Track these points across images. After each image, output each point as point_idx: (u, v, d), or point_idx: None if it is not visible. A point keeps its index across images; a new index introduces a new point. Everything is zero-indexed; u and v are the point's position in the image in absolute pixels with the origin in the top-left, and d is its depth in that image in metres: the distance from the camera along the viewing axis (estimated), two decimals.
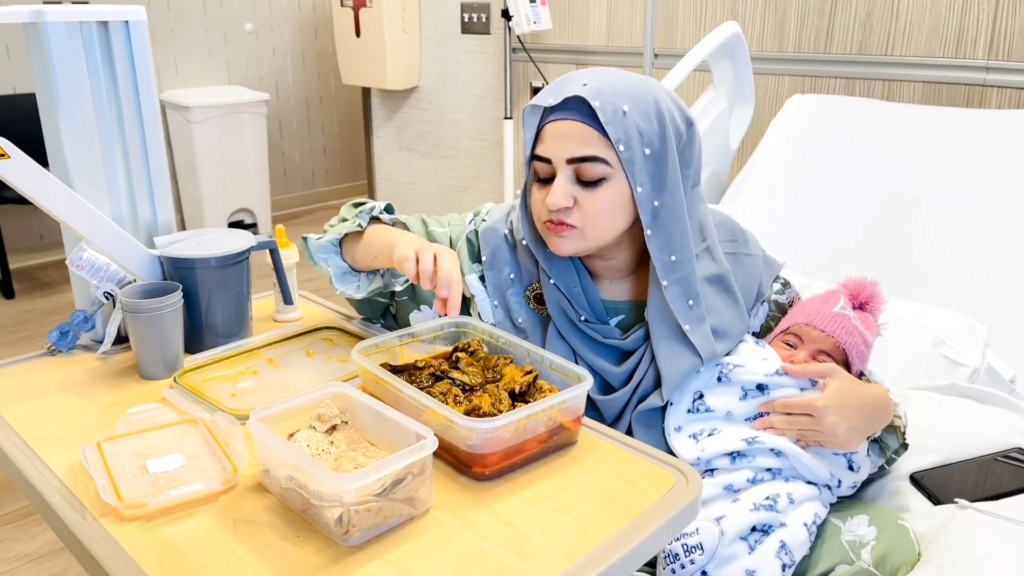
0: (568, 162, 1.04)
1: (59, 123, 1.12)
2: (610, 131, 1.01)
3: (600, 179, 1.03)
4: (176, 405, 1.02)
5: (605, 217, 1.05)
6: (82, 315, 1.18)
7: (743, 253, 1.19)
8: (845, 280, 1.21)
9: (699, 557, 0.98)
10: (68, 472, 0.89)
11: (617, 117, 1.01)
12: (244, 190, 4.38)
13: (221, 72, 4.59)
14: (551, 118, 1.05)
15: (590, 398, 1.11)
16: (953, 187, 1.90)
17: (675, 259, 1.07)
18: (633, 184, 1.04)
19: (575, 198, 1.05)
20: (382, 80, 3.61)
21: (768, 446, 1.05)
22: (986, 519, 1.05)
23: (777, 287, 1.22)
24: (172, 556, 0.77)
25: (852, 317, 1.14)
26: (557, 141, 1.04)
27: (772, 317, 1.22)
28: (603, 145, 1.02)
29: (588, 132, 1.02)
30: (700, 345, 1.08)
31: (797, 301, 1.23)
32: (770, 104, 2.71)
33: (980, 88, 2.33)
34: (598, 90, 1.02)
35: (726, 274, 1.14)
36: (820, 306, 1.16)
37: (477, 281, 1.18)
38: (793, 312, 1.19)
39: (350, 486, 0.76)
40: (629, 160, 1.02)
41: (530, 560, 0.77)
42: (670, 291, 1.08)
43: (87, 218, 1.09)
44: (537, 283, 1.17)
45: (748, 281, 1.18)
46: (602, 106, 1.01)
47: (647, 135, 1.03)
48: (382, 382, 0.97)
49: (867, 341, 1.15)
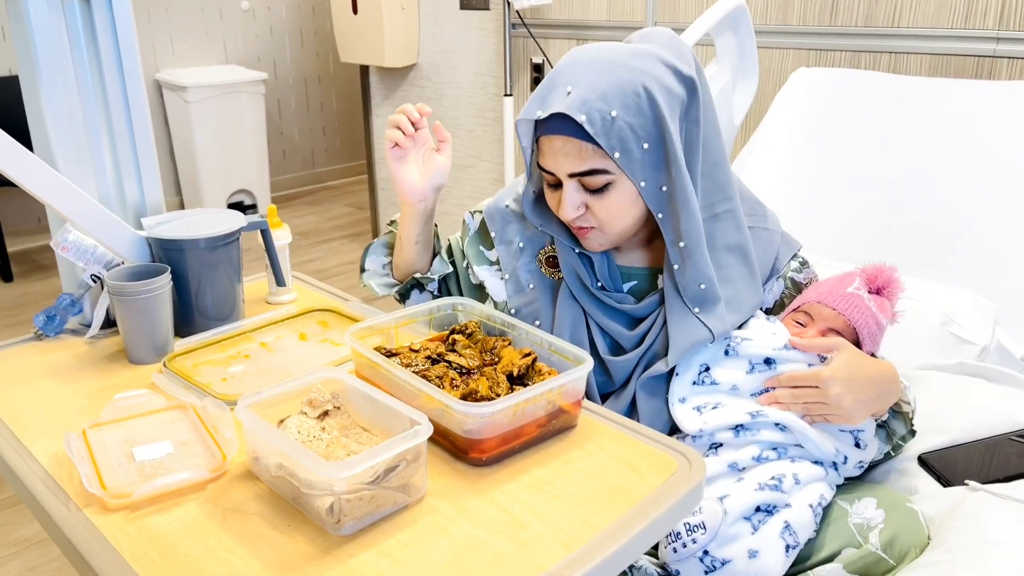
0: (570, 176, 1.04)
1: (42, 101, 1.09)
2: (602, 142, 0.99)
3: (605, 185, 1.03)
4: (165, 391, 1.00)
5: (619, 217, 1.06)
6: (69, 298, 1.15)
7: (760, 227, 1.17)
8: (863, 264, 1.18)
9: (701, 536, 0.96)
10: (52, 461, 0.87)
11: (607, 125, 0.99)
12: (243, 171, 4.35)
13: (218, 51, 4.54)
14: (544, 132, 1.04)
15: (600, 358, 1.11)
16: (962, 161, 1.85)
17: (684, 245, 1.05)
18: (636, 182, 1.02)
19: (586, 204, 1.06)
20: (380, 58, 3.56)
21: (773, 420, 1.03)
22: (998, 501, 1.02)
23: (795, 265, 1.20)
24: (158, 547, 0.74)
25: (866, 298, 1.12)
26: (555, 157, 1.04)
27: (788, 295, 1.19)
28: (600, 155, 1.01)
29: (582, 147, 1.01)
30: (713, 325, 1.07)
31: (815, 281, 1.20)
32: (774, 78, 2.67)
33: (990, 59, 2.28)
34: (583, 100, 0.99)
35: (747, 245, 1.12)
36: (834, 286, 1.13)
37: (486, 270, 1.21)
38: (807, 291, 1.16)
39: (341, 474, 0.74)
40: (627, 163, 1.01)
41: (528, 548, 0.75)
42: (681, 276, 1.07)
43: (71, 199, 1.06)
44: (550, 246, 1.18)
45: (764, 255, 1.16)
46: (589, 118, 0.98)
47: (641, 129, 1.00)
48: (376, 366, 0.94)
49: (880, 323, 1.12)
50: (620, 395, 1.10)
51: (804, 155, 2.08)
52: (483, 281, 1.21)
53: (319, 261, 3.79)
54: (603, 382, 1.12)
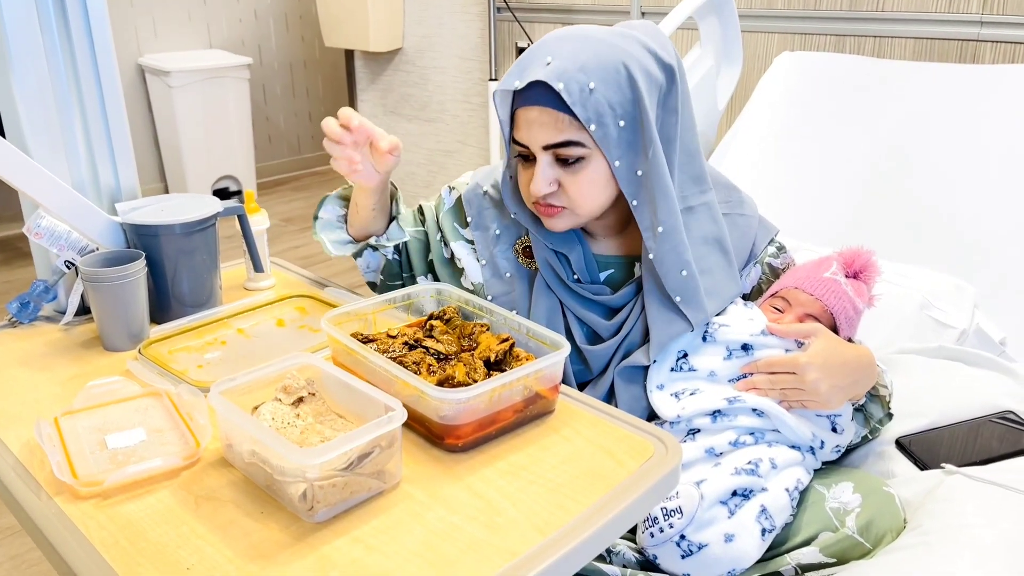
0: (544, 148, 1.02)
1: (12, 85, 1.07)
2: (578, 112, 0.98)
3: (579, 158, 1.02)
4: (139, 377, 0.99)
5: (590, 194, 1.04)
6: (43, 285, 1.14)
7: (737, 213, 1.16)
8: (841, 248, 1.18)
9: (678, 521, 0.97)
10: (24, 449, 0.86)
11: (584, 96, 0.98)
12: (228, 157, 4.31)
13: (202, 36, 4.49)
14: (521, 103, 1.03)
15: (577, 348, 1.10)
16: (945, 145, 1.86)
17: (662, 230, 1.04)
18: (610, 160, 1.01)
19: (558, 181, 1.04)
20: (365, 42, 3.53)
21: (750, 405, 1.03)
22: (973, 484, 1.03)
23: (772, 250, 1.19)
24: (129, 535, 0.74)
25: (843, 283, 1.12)
26: (530, 128, 1.02)
27: (765, 280, 1.19)
28: (576, 127, 1.00)
29: (558, 117, 1.00)
30: (692, 315, 1.06)
31: (792, 266, 1.20)
32: (759, 62, 2.66)
33: (974, 43, 2.28)
34: (562, 70, 0.98)
35: (723, 236, 1.12)
36: (811, 271, 1.13)
37: (463, 247, 1.18)
38: (784, 277, 1.16)
39: (313, 461, 0.73)
40: (603, 137, 1.00)
41: (502, 534, 0.74)
42: (660, 263, 1.05)
43: (42, 184, 1.04)
44: (526, 236, 1.16)
45: (741, 241, 1.15)
46: (567, 87, 0.97)
47: (619, 106, 0.99)
48: (352, 352, 0.93)
49: (857, 308, 1.12)
50: (598, 383, 1.10)
51: (788, 140, 2.08)
52: (459, 257, 1.18)
53: (305, 247, 3.77)
54: (580, 370, 1.11)
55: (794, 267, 1.19)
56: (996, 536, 0.94)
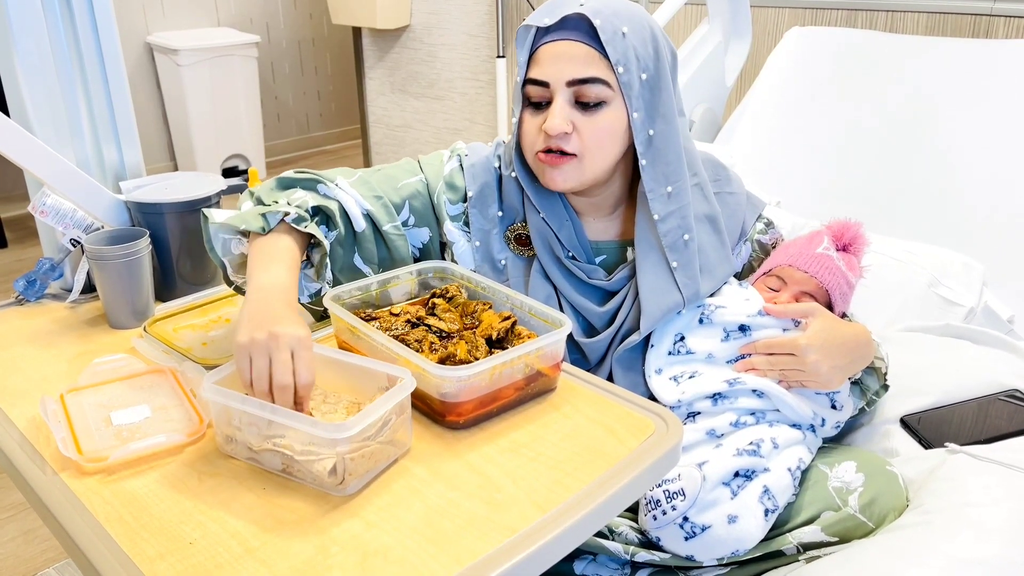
0: (568, 84, 1.00)
1: (15, 63, 1.07)
2: (610, 51, 0.98)
3: (600, 102, 1.00)
4: (144, 355, 0.99)
5: (603, 144, 1.02)
6: (49, 263, 1.14)
7: (726, 192, 1.16)
8: (829, 221, 1.17)
9: (681, 503, 0.97)
10: (30, 425, 0.87)
11: (617, 38, 0.98)
12: (237, 136, 4.30)
13: (210, 13, 4.47)
14: (548, 39, 1.01)
15: (574, 340, 1.09)
16: (958, 121, 1.83)
17: (671, 190, 1.04)
18: (630, 109, 1.01)
19: (574, 123, 1.01)
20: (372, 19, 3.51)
21: (750, 387, 1.03)
22: (977, 463, 1.02)
23: (760, 227, 1.19)
24: (132, 510, 0.74)
25: (835, 258, 1.11)
26: (556, 63, 1.00)
27: (755, 258, 1.18)
28: (604, 66, 0.99)
29: (589, 52, 0.99)
30: (684, 284, 1.06)
31: (780, 242, 1.19)
32: (768, 38, 2.63)
33: (987, 18, 2.24)
34: (597, 10, 0.99)
35: (717, 215, 1.11)
36: (803, 247, 1.12)
37: (455, 227, 1.13)
38: (776, 254, 1.16)
39: (345, 434, 0.74)
40: (628, 84, 0.99)
41: (502, 510, 0.75)
42: (665, 224, 1.05)
43: (47, 162, 1.05)
44: (520, 223, 1.13)
45: (731, 220, 1.15)
46: (603, 25, 0.98)
47: (644, 60, 1.00)
48: (355, 330, 0.94)
49: (850, 282, 1.13)
50: (596, 372, 1.09)
51: (798, 116, 2.06)
52: (452, 241, 1.12)
53: None
54: (577, 360, 1.11)
55: (784, 243, 1.18)
56: (998, 515, 0.94)
